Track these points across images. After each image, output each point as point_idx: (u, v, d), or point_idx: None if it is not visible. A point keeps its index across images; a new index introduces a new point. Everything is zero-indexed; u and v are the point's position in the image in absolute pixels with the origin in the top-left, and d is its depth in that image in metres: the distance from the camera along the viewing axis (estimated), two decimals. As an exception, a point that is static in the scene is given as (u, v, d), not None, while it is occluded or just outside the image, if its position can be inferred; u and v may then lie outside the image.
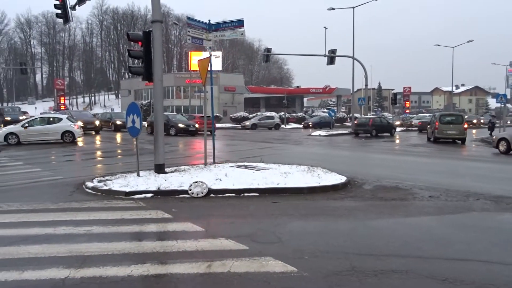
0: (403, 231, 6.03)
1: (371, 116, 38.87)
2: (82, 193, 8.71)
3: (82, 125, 26.26)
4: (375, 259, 4.82)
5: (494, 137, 19.39)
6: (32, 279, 4.21)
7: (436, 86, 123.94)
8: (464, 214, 7.14)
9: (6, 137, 20.00)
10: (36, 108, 68.69)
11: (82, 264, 4.59)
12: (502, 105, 30.71)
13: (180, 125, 28.45)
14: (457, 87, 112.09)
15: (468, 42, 51.27)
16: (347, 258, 4.80)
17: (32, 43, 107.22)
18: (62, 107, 57.30)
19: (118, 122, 31.17)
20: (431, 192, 8.76)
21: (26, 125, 20.62)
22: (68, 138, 21.00)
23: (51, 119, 22.00)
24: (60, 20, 15.74)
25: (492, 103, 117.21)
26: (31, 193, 8.77)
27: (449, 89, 66.57)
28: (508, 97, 41.85)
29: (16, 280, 4.20)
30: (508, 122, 47.76)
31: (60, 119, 21.86)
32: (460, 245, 5.44)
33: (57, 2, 14.41)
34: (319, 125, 43.47)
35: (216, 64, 53.75)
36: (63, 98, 60.41)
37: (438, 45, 52.24)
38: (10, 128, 21.44)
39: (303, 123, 48.04)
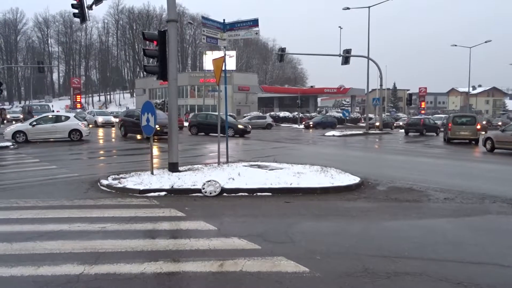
0: (417, 233, 5.95)
1: (422, 117, 39.53)
2: (97, 191, 8.82)
3: (158, 128, 24.06)
4: (388, 260, 4.77)
5: (483, 137, 19.73)
6: (47, 275, 4.27)
7: (453, 87, 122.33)
8: (480, 217, 7.04)
9: (14, 135, 20.19)
10: (52, 106, 69.70)
11: (96, 260, 4.65)
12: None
13: (240, 126, 28.60)
14: (474, 88, 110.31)
15: (485, 42, 50.53)
16: (360, 259, 4.77)
17: (49, 42, 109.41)
18: (78, 106, 58.19)
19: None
20: (446, 194, 8.65)
21: (34, 123, 20.79)
22: (75, 136, 21.17)
23: (59, 117, 22.23)
24: (77, 20, 15.91)
25: (510, 104, 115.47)
26: (47, 190, 8.91)
27: (466, 90, 65.58)
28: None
29: (32, 275, 4.28)
30: None
31: (67, 118, 22.11)
32: (475, 248, 5.36)
33: (74, 2, 14.58)
34: (320, 125, 42.63)
35: (230, 63, 53.88)
36: (79, 96, 61.41)
37: (455, 45, 51.55)
38: (18, 126, 21.81)
39: (303, 123, 46.37)
